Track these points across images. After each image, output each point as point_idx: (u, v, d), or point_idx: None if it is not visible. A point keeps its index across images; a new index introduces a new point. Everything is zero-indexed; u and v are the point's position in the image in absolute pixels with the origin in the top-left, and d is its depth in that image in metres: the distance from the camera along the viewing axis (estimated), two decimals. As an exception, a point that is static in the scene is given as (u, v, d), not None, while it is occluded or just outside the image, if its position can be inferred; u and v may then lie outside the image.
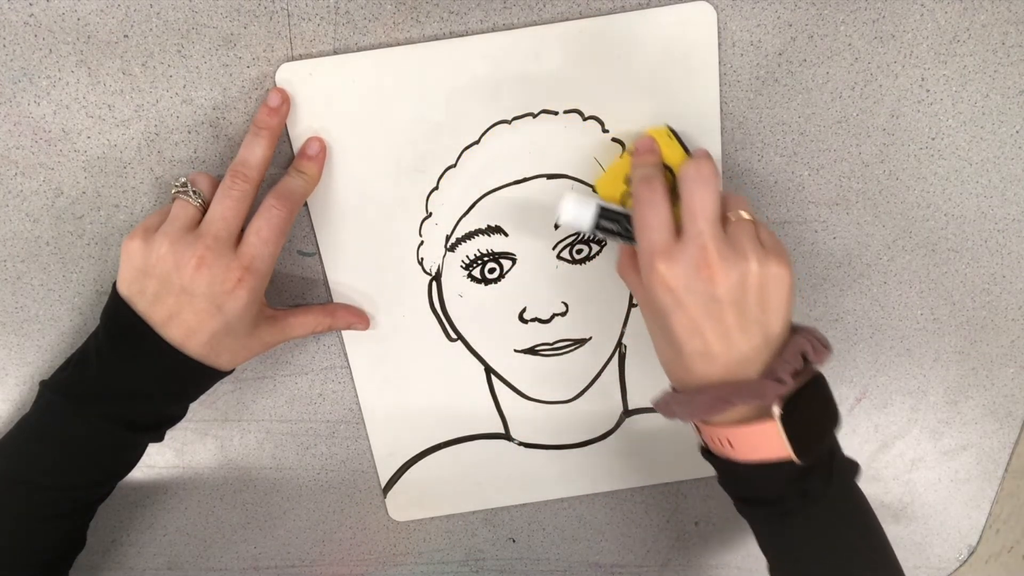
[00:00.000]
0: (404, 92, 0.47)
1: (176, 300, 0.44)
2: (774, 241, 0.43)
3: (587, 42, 0.46)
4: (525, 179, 0.50)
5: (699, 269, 0.41)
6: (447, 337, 0.55)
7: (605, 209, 0.45)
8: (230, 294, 0.44)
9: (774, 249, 0.42)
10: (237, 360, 0.49)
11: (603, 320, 0.55)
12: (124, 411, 0.47)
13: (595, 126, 0.48)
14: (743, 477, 0.45)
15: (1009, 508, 0.66)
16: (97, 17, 0.44)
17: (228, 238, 0.44)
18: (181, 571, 0.64)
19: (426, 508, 0.63)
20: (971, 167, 0.52)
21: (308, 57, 0.46)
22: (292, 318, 0.50)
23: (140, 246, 0.44)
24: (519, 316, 0.54)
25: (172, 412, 0.50)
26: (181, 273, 0.43)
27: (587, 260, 0.53)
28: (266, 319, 0.49)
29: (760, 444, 0.43)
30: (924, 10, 0.47)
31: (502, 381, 0.57)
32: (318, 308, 0.52)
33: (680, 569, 0.67)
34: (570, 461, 0.61)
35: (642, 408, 0.59)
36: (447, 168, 0.49)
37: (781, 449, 0.42)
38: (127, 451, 0.50)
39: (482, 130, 0.48)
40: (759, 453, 0.43)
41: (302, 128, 0.47)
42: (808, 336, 0.43)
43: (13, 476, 0.48)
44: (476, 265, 0.52)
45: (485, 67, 0.46)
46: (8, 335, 0.53)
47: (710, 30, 0.46)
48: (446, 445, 0.60)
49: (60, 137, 0.47)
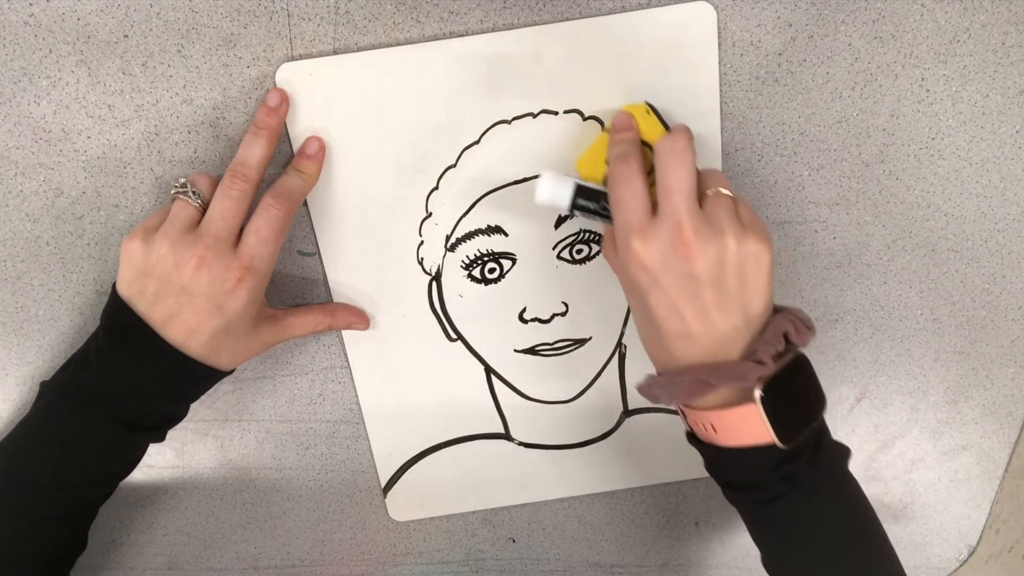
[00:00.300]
0: (404, 92, 0.47)
1: (176, 300, 0.44)
2: (753, 218, 0.42)
3: (587, 42, 0.46)
4: (525, 179, 0.50)
5: (675, 247, 0.40)
6: (447, 337, 0.55)
7: (582, 187, 0.45)
8: (230, 294, 0.44)
9: (753, 226, 0.41)
10: (237, 360, 0.49)
11: (603, 320, 0.55)
12: (124, 411, 0.47)
13: (595, 126, 0.48)
14: (728, 462, 0.44)
15: (1009, 508, 0.66)
16: (97, 17, 0.44)
17: (228, 238, 0.44)
18: (181, 571, 0.64)
19: (426, 508, 0.63)
20: (971, 167, 0.52)
21: (308, 57, 0.46)
22: (292, 318, 0.50)
23: (140, 247, 0.44)
24: (519, 316, 0.54)
25: (173, 412, 0.50)
26: (181, 273, 0.43)
27: (587, 260, 0.53)
28: (266, 319, 0.49)
29: (742, 428, 0.42)
30: (924, 10, 0.47)
31: (502, 381, 0.57)
32: (318, 308, 0.52)
33: (680, 569, 0.67)
34: (570, 461, 0.61)
35: (642, 408, 0.59)
36: (447, 168, 0.49)
37: (764, 434, 0.41)
38: (128, 451, 0.50)
39: (482, 130, 0.48)
40: (742, 438, 0.42)
41: (302, 128, 0.47)
42: (790, 316, 0.42)
43: (14, 477, 0.48)
44: (476, 265, 0.52)
45: (485, 67, 0.46)
46: (8, 335, 0.53)
47: (710, 30, 0.46)
48: (446, 445, 0.60)
49: (60, 137, 0.47)
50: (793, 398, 0.42)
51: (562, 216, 0.51)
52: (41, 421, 0.48)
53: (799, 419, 0.42)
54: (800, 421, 0.42)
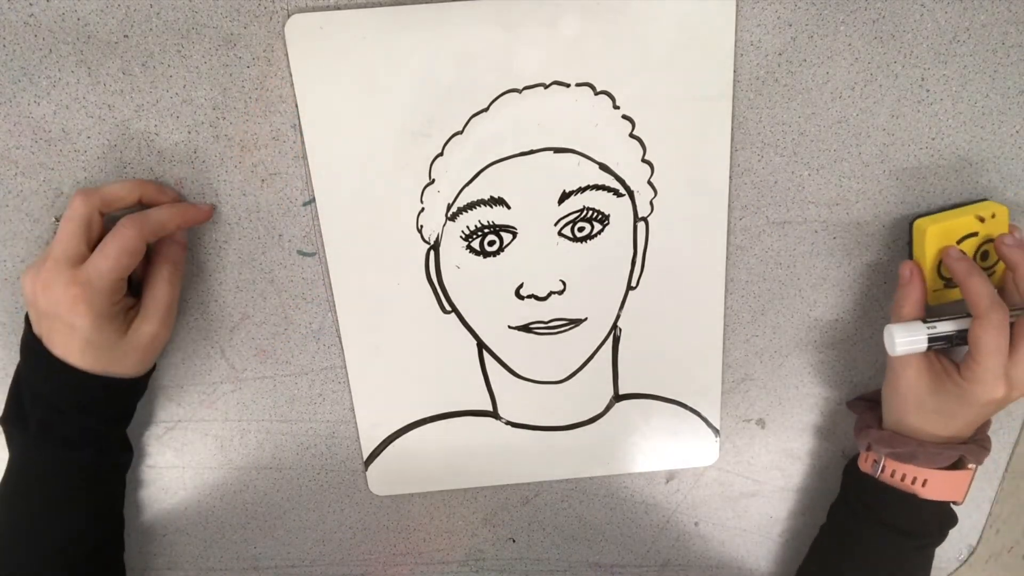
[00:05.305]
0: (415, 51, 0.46)
1: (46, 323, 0.47)
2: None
3: (606, 15, 0.46)
4: (532, 151, 0.49)
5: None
6: (441, 309, 0.55)
7: (933, 338, 0.50)
8: (72, 310, 0.45)
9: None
10: (142, 363, 0.50)
11: (600, 301, 0.55)
12: (54, 427, 0.48)
13: (606, 101, 0.48)
14: (915, 510, 0.53)
15: (1009, 508, 0.66)
16: (97, 17, 0.44)
17: (67, 259, 0.45)
18: (181, 571, 0.64)
19: (409, 484, 0.62)
20: (971, 167, 0.52)
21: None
22: (147, 299, 0.49)
23: (24, 278, 0.47)
24: (516, 292, 0.54)
25: (99, 429, 0.50)
26: (37, 298, 0.46)
27: (588, 239, 0.53)
28: (137, 316, 0.49)
29: (948, 487, 0.52)
30: (924, 10, 0.47)
31: (493, 357, 0.57)
32: (160, 263, 0.49)
33: (680, 569, 0.67)
34: (557, 443, 0.60)
35: (632, 394, 0.59)
36: (453, 134, 0.49)
37: (959, 494, 0.53)
38: (82, 475, 0.50)
39: (492, 97, 0.48)
40: (941, 494, 0.52)
41: (310, 81, 0.47)
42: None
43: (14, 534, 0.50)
44: (476, 236, 0.52)
45: (500, 32, 0.46)
46: (8, 335, 0.53)
47: (728, 18, 0.46)
48: (432, 420, 0.59)
49: (60, 137, 0.47)
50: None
51: (566, 192, 0.51)
52: (11, 461, 0.50)
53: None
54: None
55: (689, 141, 0.50)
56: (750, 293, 0.56)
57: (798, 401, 0.60)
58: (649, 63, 0.47)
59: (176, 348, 0.55)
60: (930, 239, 0.50)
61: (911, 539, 0.54)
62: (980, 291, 0.47)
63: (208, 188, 0.50)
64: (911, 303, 0.51)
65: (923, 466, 0.52)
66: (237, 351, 0.55)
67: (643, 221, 0.52)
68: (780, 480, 0.63)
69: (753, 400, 0.60)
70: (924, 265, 0.51)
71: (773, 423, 0.61)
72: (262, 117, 0.48)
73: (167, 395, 0.56)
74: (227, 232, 0.51)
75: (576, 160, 0.50)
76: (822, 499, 0.62)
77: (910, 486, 0.52)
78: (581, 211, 0.51)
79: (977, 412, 0.50)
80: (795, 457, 0.62)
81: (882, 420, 0.55)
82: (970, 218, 0.50)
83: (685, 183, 0.51)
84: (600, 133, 0.49)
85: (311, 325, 0.55)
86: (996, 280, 0.52)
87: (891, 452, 0.53)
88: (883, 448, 0.53)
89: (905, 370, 0.51)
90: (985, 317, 0.46)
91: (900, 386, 0.52)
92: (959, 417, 0.51)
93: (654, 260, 0.53)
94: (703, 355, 0.58)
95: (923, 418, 0.52)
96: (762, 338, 0.57)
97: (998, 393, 0.48)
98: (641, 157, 0.50)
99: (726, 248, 0.54)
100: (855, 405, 0.59)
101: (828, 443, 0.62)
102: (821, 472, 0.63)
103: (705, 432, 0.60)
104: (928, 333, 0.49)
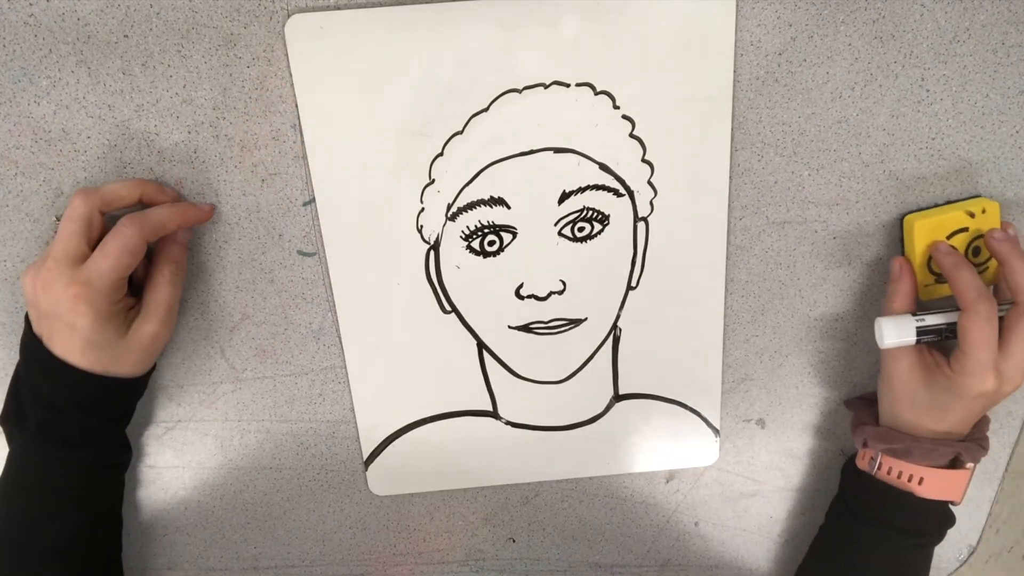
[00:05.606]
0: (415, 52, 0.46)
1: (46, 322, 0.47)
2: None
3: (605, 15, 0.46)
4: (532, 151, 0.49)
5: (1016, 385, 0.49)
6: (441, 309, 0.55)
7: (922, 329, 0.50)
8: (72, 310, 0.45)
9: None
10: (142, 363, 0.50)
11: (600, 301, 0.55)
12: (54, 427, 0.48)
13: (606, 101, 0.48)
14: (915, 509, 0.53)
15: (1009, 508, 0.66)
16: (97, 17, 0.44)
17: (68, 259, 0.45)
18: (181, 571, 0.64)
19: (409, 484, 0.62)
20: (971, 167, 0.52)
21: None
22: (148, 299, 0.49)
23: (24, 278, 0.47)
24: (516, 292, 0.54)
25: (99, 429, 0.50)
26: (37, 298, 0.46)
27: (588, 239, 0.53)
28: (138, 316, 0.49)
29: (946, 486, 0.52)
30: (924, 10, 0.47)
31: (494, 357, 0.57)
32: (161, 263, 0.49)
33: (680, 569, 0.67)
34: (557, 444, 0.60)
35: (632, 394, 0.59)
36: (453, 134, 0.49)
37: (957, 493, 0.53)
38: (81, 475, 0.50)
39: (492, 97, 0.48)
40: (939, 493, 0.52)
41: (309, 81, 0.47)
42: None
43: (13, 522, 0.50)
44: (476, 236, 0.52)
45: (500, 32, 0.46)
46: (8, 335, 0.53)
47: (728, 20, 0.46)
48: (432, 420, 0.59)
49: (60, 137, 0.47)
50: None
51: (566, 192, 0.51)
52: (10, 461, 0.50)
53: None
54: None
55: (689, 141, 0.50)
56: (750, 293, 0.56)
57: (798, 401, 0.60)
58: (649, 63, 0.47)
59: (176, 348, 0.55)
60: (919, 234, 0.51)
61: (909, 537, 0.54)
62: (967, 283, 0.47)
63: (208, 188, 0.50)
64: (901, 297, 0.51)
65: (919, 463, 0.52)
66: (237, 351, 0.55)
67: (643, 221, 0.52)
68: (780, 480, 0.63)
69: (753, 400, 0.60)
70: (914, 260, 0.51)
71: (773, 423, 0.61)
72: (262, 117, 0.48)
73: (167, 395, 0.56)
74: (227, 232, 0.51)
75: (576, 160, 0.50)
76: (822, 499, 0.62)
77: (907, 484, 0.52)
78: (581, 211, 0.51)
79: (969, 406, 0.50)
80: (795, 457, 0.62)
81: (878, 417, 0.55)
82: (960, 213, 0.50)
83: (685, 183, 0.51)
84: (600, 133, 0.49)
85: (311, 325, 0.55)
86: (990, 277, 0.52)
87: (886, 448, 0.53)
88: (878, 444, 0.53)
89: (897, 364, 0.52)
90: (972, 309, 0.47)
91: (893, 380, 0.52)
92: (952, 411, 0.51)
93: (654, 260, 0.54)
94: (703, 355, 0.58)
95: (917, 413, 0.52)
96: (762, 338, 0.57)
97: (988, 386, 0.48)
98: (641, 157, 0.50)
99: (726, 248, 0.54)
100: (852, 403, 0.59)
101: (828, 443, 0.62)
102: (821, 472, 0.63)
103: (705, 432, 0.60)
104: (917, 326, 0.50)
